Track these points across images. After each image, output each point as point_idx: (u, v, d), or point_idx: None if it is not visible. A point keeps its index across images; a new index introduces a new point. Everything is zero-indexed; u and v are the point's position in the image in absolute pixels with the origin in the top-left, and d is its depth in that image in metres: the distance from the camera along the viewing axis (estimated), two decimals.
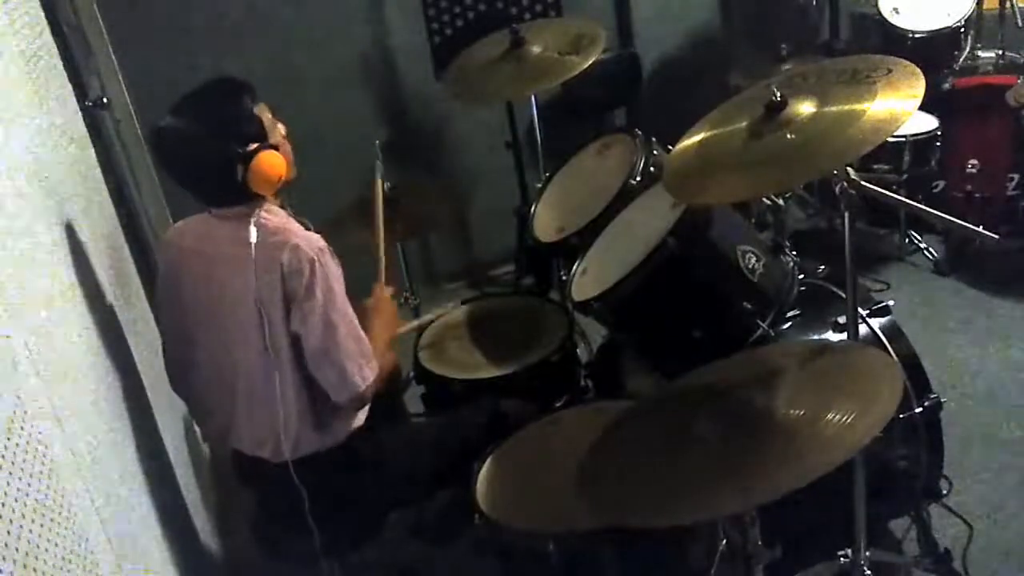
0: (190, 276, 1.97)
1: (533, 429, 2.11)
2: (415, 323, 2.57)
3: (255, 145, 1.85)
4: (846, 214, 1.74)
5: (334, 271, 1.89)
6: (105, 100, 2.70)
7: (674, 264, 2.00)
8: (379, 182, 2.50)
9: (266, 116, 1.91)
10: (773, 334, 2.05)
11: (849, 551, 2.04)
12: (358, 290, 2.03)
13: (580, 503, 1.53)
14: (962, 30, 3.48)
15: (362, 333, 1.94)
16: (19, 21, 1.95)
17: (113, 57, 3.02)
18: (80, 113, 2.37)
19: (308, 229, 1.93)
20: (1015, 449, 2.64)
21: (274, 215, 1.92)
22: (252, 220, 1.87)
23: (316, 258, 1.84)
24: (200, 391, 2.08)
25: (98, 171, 2.43)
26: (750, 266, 2.06)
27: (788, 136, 1.66)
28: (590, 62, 2.55)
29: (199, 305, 1.96)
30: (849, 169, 1.70)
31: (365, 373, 1.92)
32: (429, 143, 3.83)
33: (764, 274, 2.08)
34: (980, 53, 3.59)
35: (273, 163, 1.87)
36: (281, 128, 1.95)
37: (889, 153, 3.32)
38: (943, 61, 3.50)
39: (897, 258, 3.63)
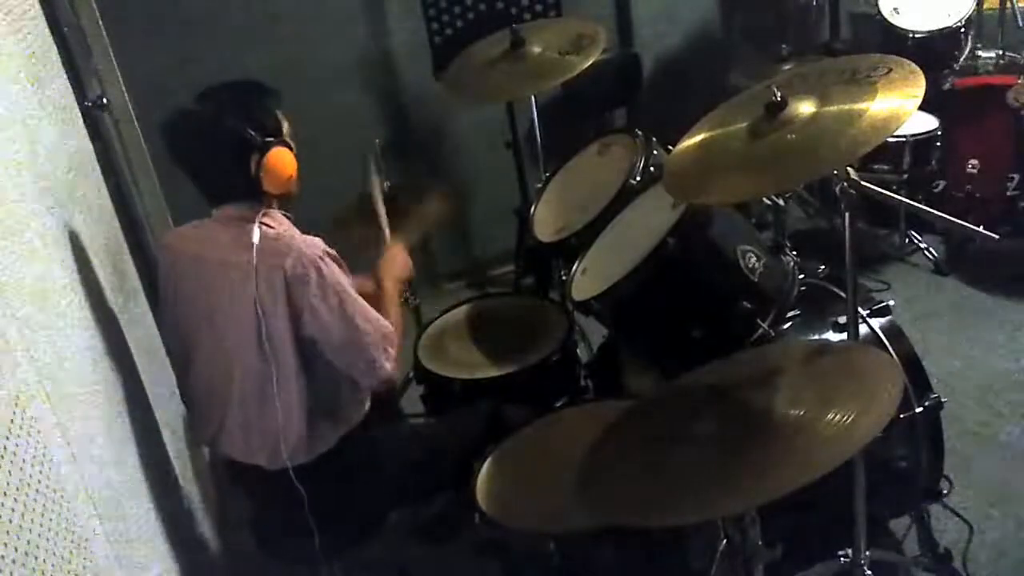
0: (189, 280, 1.97)
1: (533, 429, 2.11)
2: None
3: (271, 139, 1.86)
4: (846, 214, 1.74)
5: (338, 269, 1.90)
6: (105, 100, 2.69)
7: (674, 264, 2.00)
8: (375, 179, 2.47)
9: (286, 124, 1.93)
10: (773, 334, 2.05)
11: (849, 551, 2.04)
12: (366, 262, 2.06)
13: (580, 503, 1.53)
14: (962, 30, 3.48)
15: (376, 314, 1.95)
16: (19, 21, 1.95)
17: (113, 57, 3.01)
18: (80, 113, 2.37)
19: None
20: (1015, 449, 2.64)
21: (277, 221, 1.93)
22: (254, 224, 1.87)
23: (320, 261, 1.84)
24: (195, 397, 2.08)
25: (98, 171, 2.42)
26: (750, 266, 2.06)
27: (788, 136, 1.65)
28: (590, 62, 2.55)
29: (197, 309, 1.96)
30: (849, 169, 1.70)
31: (390, 353, 1.95)
32: (429, 143, 3.83)
33: (764, 274, 2.07)
34: (980, 53, 3.60)
35: (285, 160, 1.89)
36: (293, 145, 1.96)
37: (889, 153, 3.33)
38: (943, 61, 3.51)
39: (897, 258, 3.63)
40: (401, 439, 2.24)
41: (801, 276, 2.19)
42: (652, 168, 2.33)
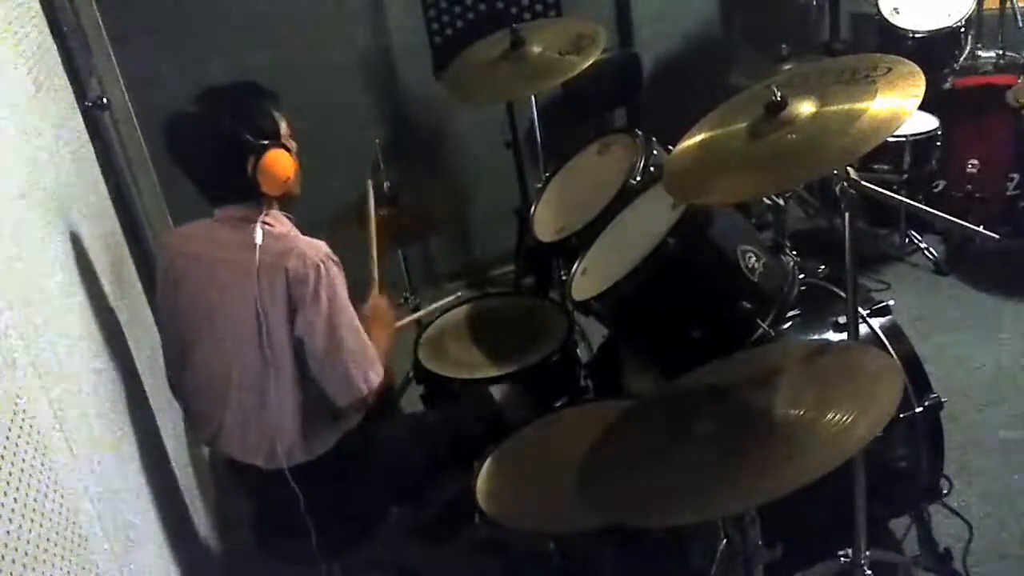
0: (190, 280, 1.97)
1: (533, 429, 2.11)
2: (413, 316, 2.53)
3: (268, 141, 1.86)
4: (846, 214, 1.74)
5: (338, 277, 1.89)
6: (104, 100, 2.70)
7: (674, 264, 2.00)
8: (370, 186, 2.47)
9: (284, 126, 1.93)
10: (773, 334, 2.05)
11: (849, 551, 2.04)
12: (358, 292, 2.03)
13: (580, 503, 1.53)
14: (962, 30, 3.48)
15: (367, 338, 1.94)
16: (18, 21, 1.95)
17: (113, 57, 3.02)
18: (80, 113, 2.37)
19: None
20: (1015, 449, 2.64)
21: (279, 222, 1.93)
22: (256, 224, 1.87)
23: (321, 264, 1.84)
24: (192, 396, 2.08)
25: (98, 171, 2.43)
26: (750, 266, 2.06)
27: (788, 136, 1.65)
28: (590, 62, 2.55)
29: (197, 310, 1.96)
30: (849, 169, 1.70)
31: (369, 377, 1.92)
32: (429, 143, 3.83)
33: (764, 274, 2.07)
34: (980, 53, 3.60)
35: (282, 162, 1.88)
36: (294, 145, 1.96)
37: (889, 153, 3.33)
38: (943, 61, 3.50)
39: (897, 258, 3.63)
40: (401, 439, 2.24)
41: (801, 276, 2.19)
42: (652, 168, 2.33)
